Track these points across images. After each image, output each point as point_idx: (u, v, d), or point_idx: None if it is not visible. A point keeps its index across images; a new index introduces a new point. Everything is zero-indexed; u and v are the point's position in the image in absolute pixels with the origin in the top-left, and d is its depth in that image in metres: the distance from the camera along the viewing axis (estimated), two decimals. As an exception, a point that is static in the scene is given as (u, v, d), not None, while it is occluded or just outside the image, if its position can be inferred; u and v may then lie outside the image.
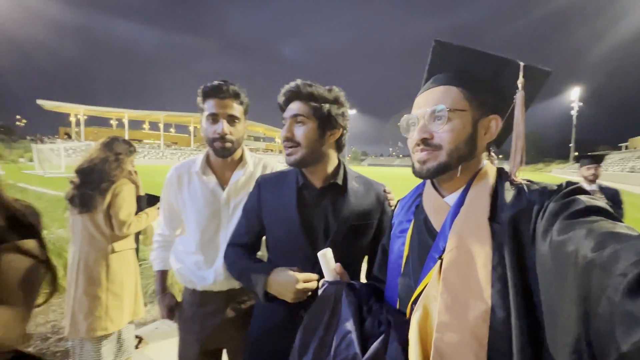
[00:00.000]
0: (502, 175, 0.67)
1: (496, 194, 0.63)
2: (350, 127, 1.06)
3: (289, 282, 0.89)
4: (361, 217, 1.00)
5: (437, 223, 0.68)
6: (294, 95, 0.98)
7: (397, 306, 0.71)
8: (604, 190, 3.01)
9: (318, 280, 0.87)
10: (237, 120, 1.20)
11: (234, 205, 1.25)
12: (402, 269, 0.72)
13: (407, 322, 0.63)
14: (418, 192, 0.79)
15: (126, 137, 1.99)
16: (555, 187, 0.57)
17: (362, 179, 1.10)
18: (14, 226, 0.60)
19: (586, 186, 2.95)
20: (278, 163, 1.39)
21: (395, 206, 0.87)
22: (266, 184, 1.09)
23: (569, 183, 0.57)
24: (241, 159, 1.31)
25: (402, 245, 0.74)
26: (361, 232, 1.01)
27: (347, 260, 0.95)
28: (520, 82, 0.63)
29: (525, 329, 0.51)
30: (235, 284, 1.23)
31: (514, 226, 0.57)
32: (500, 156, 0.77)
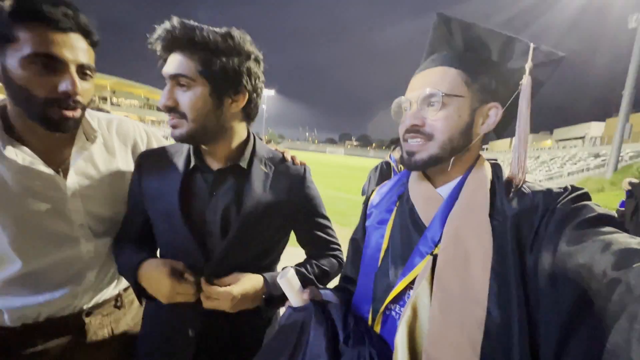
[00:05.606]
0: (497, 170, 0.62)
1: (494, 190, 0.59)
2: (269, 107, 0.92)
3: (160, 282, 0.72)
4: (271, 208, 0.81)
5: (425, 215, 0.63)
6: (173, 42, 0.69)
7: (371, 303, 0.65)
8: None
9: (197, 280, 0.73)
10: (88, 73, 0.75)
11: (90, 196, 0.83)
12: (380, 263, 0.66)
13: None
14: (401, 181, 0.74)
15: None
16: (561, 190, 0.54)
17: (276, 160, 0.87)
18: None
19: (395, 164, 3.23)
20: (141, 124, 1.02)
21: (372, 194, 0.79)
22: (148, 164, 0.84)
23: (574, 188, 0.54)
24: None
25: (380, 237, 0.68)
26: (272, 226, 0.83)
27: (250, 259, 0.81)
28: (528, 65, 0.57)
29: (526, 337, 0.48)
30: (93, 298, 0.87)
31: (516, 226, 0.53)
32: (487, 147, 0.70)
